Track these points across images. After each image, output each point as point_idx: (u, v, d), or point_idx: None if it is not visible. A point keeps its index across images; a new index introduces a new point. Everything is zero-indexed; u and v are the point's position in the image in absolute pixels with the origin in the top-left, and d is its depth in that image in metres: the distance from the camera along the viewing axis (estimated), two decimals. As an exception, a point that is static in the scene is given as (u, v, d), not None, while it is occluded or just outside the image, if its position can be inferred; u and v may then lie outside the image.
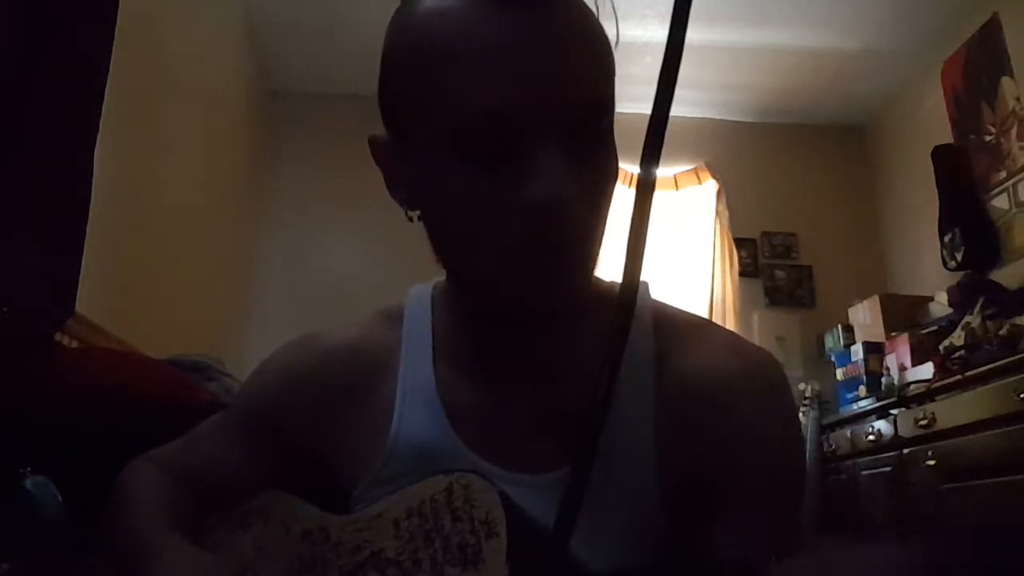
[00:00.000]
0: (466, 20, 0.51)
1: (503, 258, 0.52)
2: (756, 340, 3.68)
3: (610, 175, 0.56)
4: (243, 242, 3.44)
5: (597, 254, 0.57)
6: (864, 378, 3.10)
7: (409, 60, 0.55)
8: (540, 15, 0.51)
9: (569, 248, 0.53)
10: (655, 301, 0.66)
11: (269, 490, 0.65)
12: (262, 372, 0.71)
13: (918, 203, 3.53)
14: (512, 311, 0.56)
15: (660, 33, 0.41)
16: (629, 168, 3.74)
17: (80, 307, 1.41)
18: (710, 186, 3.89)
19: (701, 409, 0.58)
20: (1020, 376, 2.09)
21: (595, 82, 0.53)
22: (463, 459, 0.59)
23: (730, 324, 3.61)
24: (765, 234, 3.92)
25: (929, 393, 2.53)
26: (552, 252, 0.52)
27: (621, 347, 0.46)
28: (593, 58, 0.54)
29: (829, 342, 3.58)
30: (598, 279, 0.67)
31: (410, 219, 0.60)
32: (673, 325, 0.64)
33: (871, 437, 2.74)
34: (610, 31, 0.58)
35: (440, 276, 0.66)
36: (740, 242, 3.83)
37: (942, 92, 3.41)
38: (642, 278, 0.66)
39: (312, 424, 0.66)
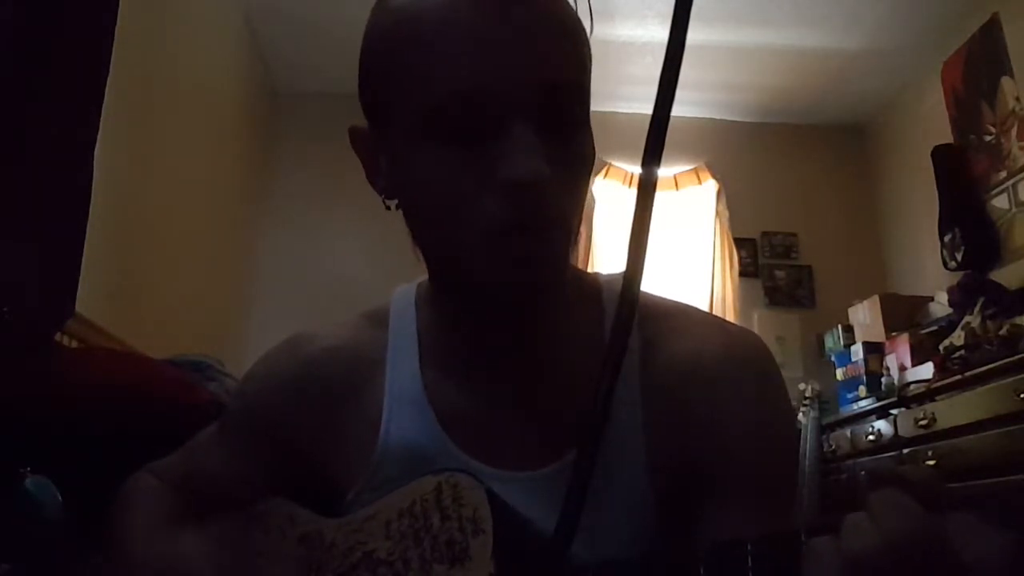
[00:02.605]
0: (444, 5, 0.52)
1: (481, 239, 0.52)
2: (756, 340, 3.71)
3: (585, 161, 0.56)
4: (243, 242, 3.44)
5: (573, 240, 0.57)
6: (864, 378, 3.10)
7: (384, 46, 0.55)
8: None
9: (547, 228, 0.52)
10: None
11: (267, 496, 0.65)
12: (251, 379, 0.71)
13: (918, 203, 3.53)
14: (493, 293, 0.55)
15: (660, 33, 0.42)
16: (629, 168, 3.75)
17: (80, 307, 1.41)
18: (710, 186, 3.89)
19: (686, 395, 0.58)
20: (1020, 376, 2.09)
21: (569, 65, 0.53)
22: (453, 460, 0.59)
23: (730, 324, 3.61)
24: (765, 234, 3.93)
25: (929, 393, 2.53)
26: (530, 231, 0.51)
27: (623, 346, 0.45)
28: (567, 42, 0.54)
29: (829, 342, 3.58)
30: (582, 274, 0.67)
31: (388, 207, 0.60)
32: (655, 314, 0.63)
33: (871, 437, 2.74)
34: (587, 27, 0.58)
35: (424, 276, 0.66)
36: (740, 242, 3.83)
37: (942, 92, 3.42)
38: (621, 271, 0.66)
39: (302, 431, 0.66)
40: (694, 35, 0.43)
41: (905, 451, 2.55)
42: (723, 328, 0.63)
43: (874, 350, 3.14)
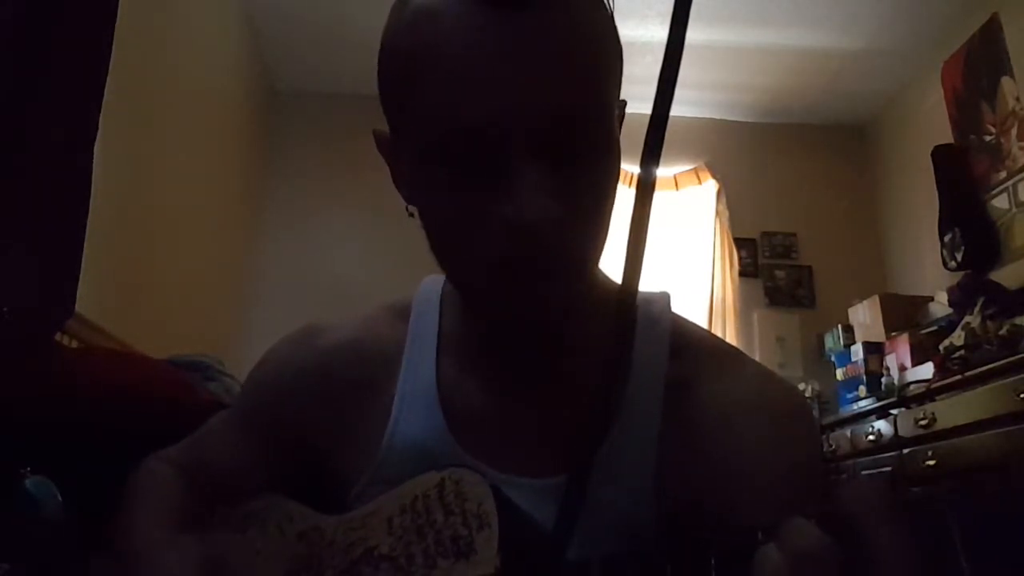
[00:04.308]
0: (452, 23, 0.49)
1: (490, 273, 0.51)
2: (756, 340, 3.72)
3: (607, 181, 0.54)
4: (243, 242, 3.44)
5: (593, 262, 0.56)
6: (864, 378, 3.11)
7: (397, 63, 0.53)
8: (531, 16, 0.48)
9: (556, 265, 0.51)
10: (676, 316, 0.64)
11: (265, 493, 0.65)
12: (263, 367, 0.70)
13: (918, 203, 3.54)
14: (502, 327, 0.56)
15: (660, 33, 0.41)
16: (629, 168, 3.75)
17: (80, 307, 1.41)
18: (710, 186, 3.89)
19: (713, 440, 0.56)
20: (1020, 376, 2.08)
21: (584, 91, 0.50)
22: (457, 461, 0.58)
23: (730, 324, 3.61)
24: (765, 234, 3.93)
25: (929, 393, 2.53)
26: (538, 270, 0.50)
27: (621, 352, 0.45)
28: (583, 66, 0.50)
29: (829, 342, 3.58)
30: (611, 281, 0.66)
31: (410, 214, 0.58)
32: (697, 348, 0.61)
33: (871, 437, 2.74)
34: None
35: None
36: (740, 242, 3.83)
37: (942, 92, 3.42)
38: (662, 290, 0.66)
39: (312, 423, 0.65)
40: (694, 35, 0.43)
41: (905, 451, 2.55)
42: (766, 377, 0.60)
43: (874, 350, 3.14)
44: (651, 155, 0.45)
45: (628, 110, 0.60)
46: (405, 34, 0.52)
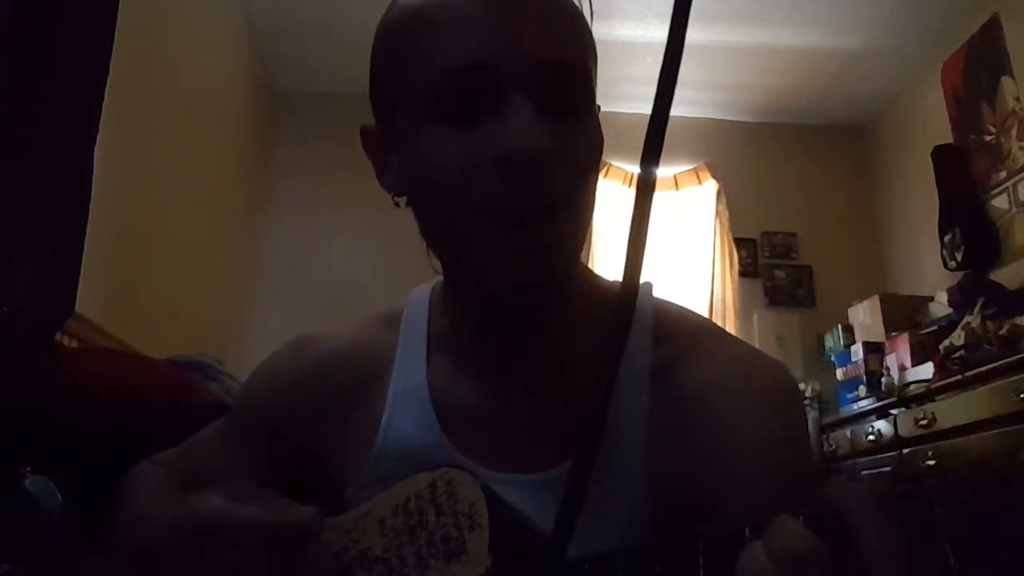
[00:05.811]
0: None
1: (483, 223, 0.52)
2: (756, 340, 3.71)
3: (592, 147, 0.55)
4: (243, 242, 3.44)
5: (580, 231, 0.55)
6: (864, 378, 3.11)
7: (391, 35, 0.56)
8: None
9: (549, 208, 0.51)
10: (658, 301, 0.64)
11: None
12: (257, 378, 0.71)
13: (918, 203, 3.54)
14: (498, 284, 0.54)
15: (660, 33, 0.41)
16: (629, 168, 3.75)
17: (80, 307, 1.41)
18: (710, 186, 3.89)
19: (700, 425, 0.56)
20: (1020, 376, 2.09)
21: (570, 46, 0.54)
22: (450, 460, 0.59)
23: (730, 324, 3.62)
24: (765, 234, 3.93)
25: (929, 393, 2.54)
26: (530, 207, 0.51)
27: (620, 350, 0.45)
28: (569, 27, 0.55)
29: (829, 342, 3.58)
30: (599, 278, 0.67)
31: (396, 204, 0.59)
32: (680, 331, 0.61)
33: (871, 437, 2.74)
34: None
35: (433, 277, 0.66)
36: (740, 242, 3.84)
37: (942, 92, 3.42)
38: (643, 278, 0.66)
39: (307, 430, 0.66)
40: (694, 35, 0.43)
41: (905, 451, 2.55)
42: (752, 357, 0.60)
43: (874, 350, 3.14)
44: (651, 155, 0.45)
45: (628, 110, 0.61)
46: (401, 13, 0.56)
